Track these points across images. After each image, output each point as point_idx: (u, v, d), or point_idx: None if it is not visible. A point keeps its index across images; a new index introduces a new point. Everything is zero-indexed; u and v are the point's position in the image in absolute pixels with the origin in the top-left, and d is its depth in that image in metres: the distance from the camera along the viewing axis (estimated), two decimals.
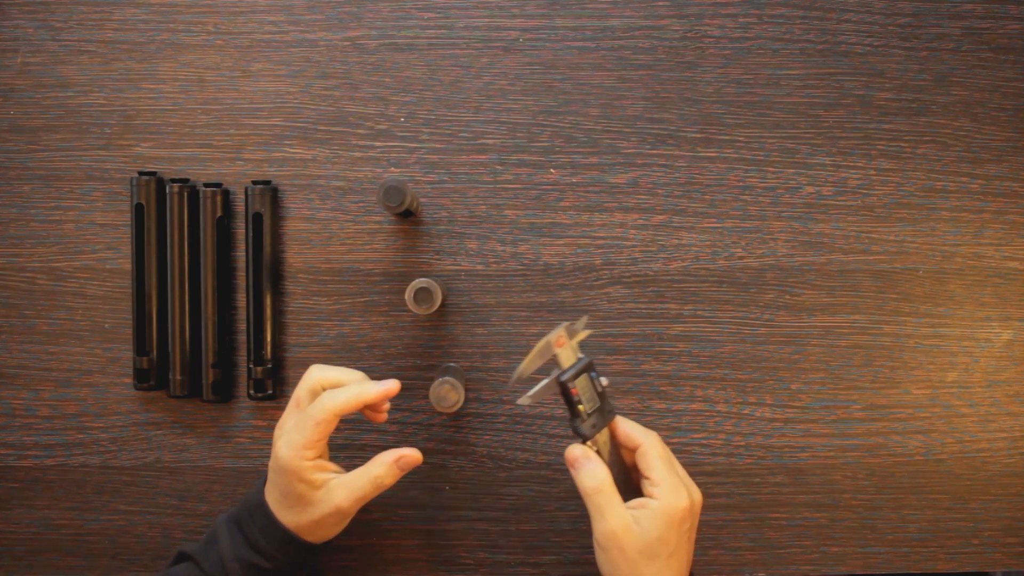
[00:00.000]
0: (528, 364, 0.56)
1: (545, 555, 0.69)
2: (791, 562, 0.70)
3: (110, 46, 0.68)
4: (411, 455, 0.59)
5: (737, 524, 0.69)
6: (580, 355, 0.58)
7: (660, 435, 0.59)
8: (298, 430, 0.57)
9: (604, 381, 0.58)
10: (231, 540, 0.58)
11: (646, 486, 0.56)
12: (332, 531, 0.60)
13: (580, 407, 0.56)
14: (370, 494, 0.58)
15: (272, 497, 0.58)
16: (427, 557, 0.69)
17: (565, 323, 0.57)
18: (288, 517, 0.58)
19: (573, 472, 0.56)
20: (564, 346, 0.57)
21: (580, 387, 0.57)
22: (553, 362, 0.57)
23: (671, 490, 0.55)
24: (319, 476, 0.57)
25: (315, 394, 0.58)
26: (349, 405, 0.57)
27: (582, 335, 0.58)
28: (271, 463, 0.58)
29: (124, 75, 0.68)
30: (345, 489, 0.58)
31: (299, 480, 0.57)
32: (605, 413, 0.58)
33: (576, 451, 0.56)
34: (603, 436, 0.58)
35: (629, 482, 0.59)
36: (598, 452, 0.57)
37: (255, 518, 0.58)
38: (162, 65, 0.68)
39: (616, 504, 0.54)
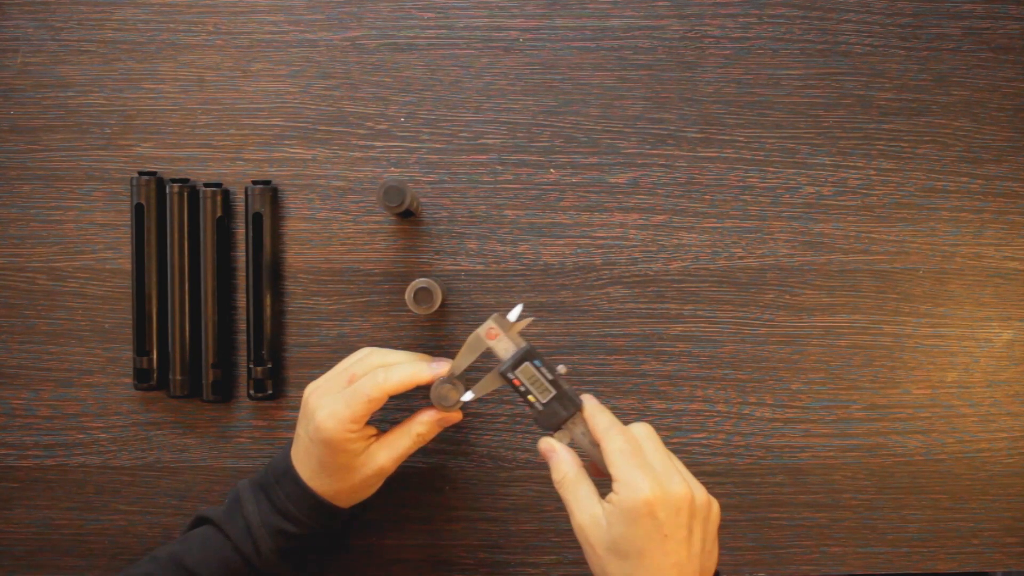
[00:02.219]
0: (459, 361, 0.56)
1: (545, 555, 0.69)
2: (791, 562, 0.70)
3: (110, 46, 0.68)
4: (454, 416, 0.60)
5: (737, 524, 0.69)
6: (521, 343, 0.56)
7: (653, 425, 0.56)
8: (347, 405, 0.56)
9: (562, 368, 0.57)
10: (257, 506, 0.58)
11: (613, 483, 0.53)
12: (368, 492, 0.61)
13: (530, 398, 0.55)
14: (411, 451, 0.60)
15: (305, 465, 0.58)
16: (427, 557, 0.69)
17: (495, 314, 0.56)
18: (323, 484, 0.58)
19: (548, 463, 0.56)
20: (498, 338, 0.56)
21: (524, 377, 0.55)
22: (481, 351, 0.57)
23: (629, 487, 0.51)
24: (361, 444, 0.58)
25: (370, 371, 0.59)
26: (403, 385, 0.57)
27: (520, 325, 0.57)
28: (310, 434, 0.57)
29: (124, 75, 0.68)
30: (388, 449, 0.59)
31: (343, 451, 0.57)
32: (566, 402, 0.56)
33: (543, 444, 0.56)
34: (579, 425, 0.57)
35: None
36: (572, 442, 0.56)
37: (282, 484, 0.58)
38: (162, 65, 0.68)
39: (582, 497, 0.53)
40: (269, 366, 0.67)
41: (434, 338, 0.69)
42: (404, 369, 0.57)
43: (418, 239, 0.69)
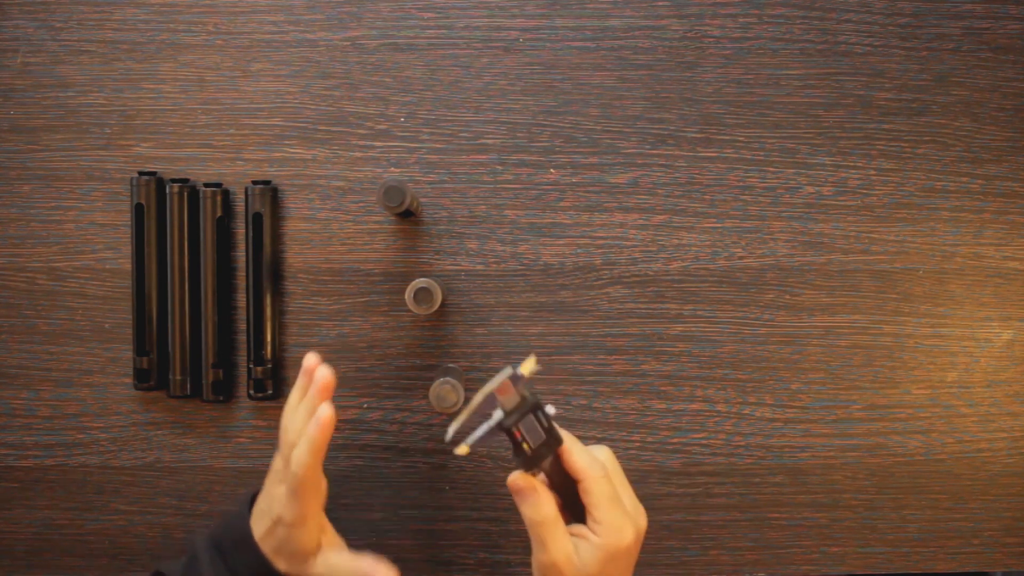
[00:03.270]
0: (468, 419, 0.53)
1: None
2: (791, 562, 0.70)
3: (110, 46, 0.68)
4: None
5: (737, 524, 0.69)
6: (526, 394, 0.53)
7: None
8: (289, 492, 0.56)
9: (551, 410, 0.55)
10: (213, 569, 0.57)
11: (589, 520, 0.54)
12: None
13: (524, 446, 0.54)
14: None
15: (270, 547, 0.57)
16: (427, 557, 0.69)
17: (509, 370, 0.52)
18: (281, 563, 0.57)
19: (517, 500, 0.54)
20: (509, 393, 0.53)
21: (525, 428, 0.53)
22: (493, 405, 0.53)
23: (613, 529, 0.53)
24: (315, 537, 0.57)
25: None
26: (311, 453, 0.55)
27: (529, 377, 0.53)
28: (273, 518, 0.57)
29: (124, 75, 0.68)
30: (342, 557, 0.58)
31: (303, 541, 0.56)
32: (551, 442, 0.54)
33: (520, 481, 0.54)
34: (550, 460, 0.55)
35: (576, 502, 0.56)
36: (545, 474, 0.55)
37: (240, 551, 0.57)
38: (162, 65, 0.68)
39: (559, 536, 0.53)
40: (269, 366, 0.67)
41: (434, 338, 0.69)
42: (302, 445, 0.55)
43: (418, 239, 0.69)
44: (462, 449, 0.53)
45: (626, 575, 0.55)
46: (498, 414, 0.53)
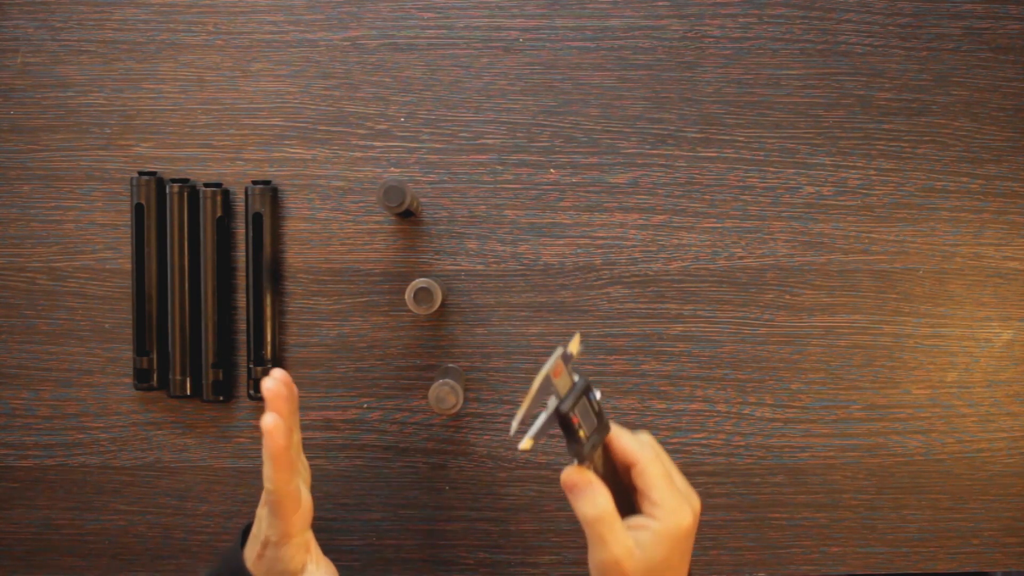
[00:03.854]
0: (529, 407, 0.49)
1: (545, 555, 0.69)
2: (791, 562, 0.70)
3: (110, 46, 0.68)
4: None
5: (737, 524, 0.69)
6: (575, 378, 0.51)
7: (657, 437, 0.55)
8: (270, 511, 0.55)
9: (598, 395, 0.53)
10: None
11: (645, 505, 0.52)
12: None
13: (580, 433, 0.51)
14: None
15: (260, 570, 0.56)
16: (427, 557, 0.69)
17: (559, 349, 0.50)
18: None
19: (571, 497, 0.52)
20: (561, 375, 0.50)
21: (580, 413, 0.51)
22: (548, 391, 0.50)
23: (673, 511, 0.51)
24: (301, 556, 0.56)
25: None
26: (277, 468, 0.52)
27: (577, 356, 0.52)
28: (263, 536, 0.56)
29: (124, 75, 0.68)
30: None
31: (286, 560, 0.55)
32: (601, 429, 0.53)
33: (574, 476, 0.51)
34: (598, 451, 0.53)
35: (622, 493, 0.55)
36: (594, 468, 0.53)
37: None
38: (162, 65, 0.68)
39: (618, 530, 0.51)
40: (269, 366, 0.67)
41: (434, 338, 0.69)
42: (265, 462, 0.53)
43: (418, 239, 0.69)
44: (526, 443, 0.49)
45: (686, 561, 0.53)
46: (552, 400, 0.50)
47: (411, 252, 0.69)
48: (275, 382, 0.53)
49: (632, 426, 0.69)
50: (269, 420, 0.52)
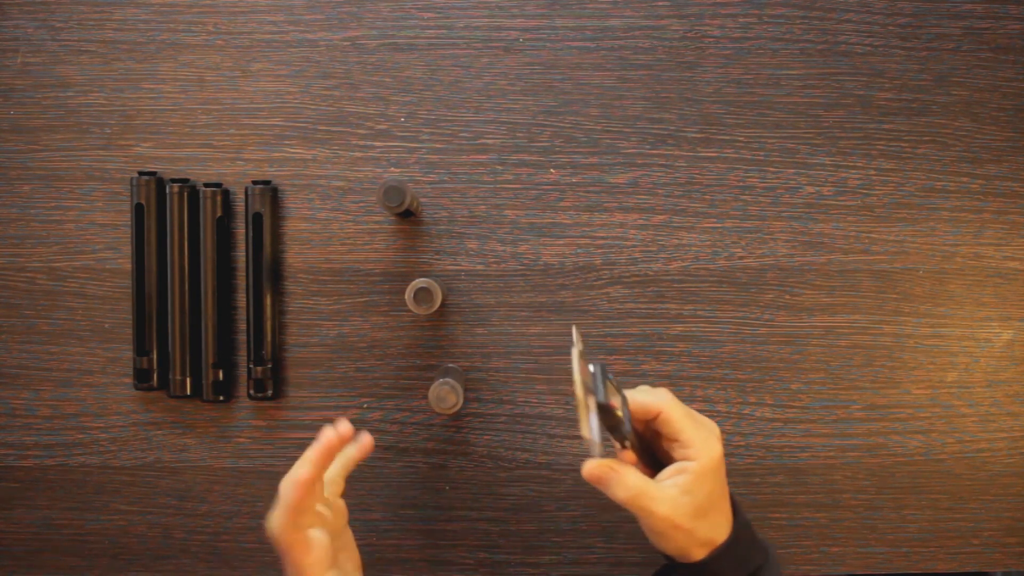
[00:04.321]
0: (587, 418, 0.50)
1: (545, 555, 0.69)
2: (791, 562, 0.70)
3: (110, 46, 0.68)
4: None
5: None
6: (591, 368, 0.52)
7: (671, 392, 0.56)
8: (286, 562, 0.55)
9: (610, 374, 0.54)
10: None
11: (676, 449, 0.54)
12: None
13: (619, 414, 0.52)
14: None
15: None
16: (427, 557, 0.69)
17: (575, 350, 0.51)
18: None
19: (602, 488, 0.53)
20: (586, 372, 0.51)
21: (612, 399, 0.51)
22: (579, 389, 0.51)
23: (705, 446, 0.54)
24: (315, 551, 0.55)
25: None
26: (284, 517, 0.53)
27: (583, 347, 0.52)
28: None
29: (124, 75, 0.68)
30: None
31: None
32: (624, 401, 0.54)
33: (596, 471, 0.53)
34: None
35: (648, 450, 0.56)
36: (630, 442, 0.53)
37: None
38: (162, 65, 0.68)
39: (657, 493, 0.53)
40: (269, 366, 0.67)
41: (434, 338, 0.69)
42: (278, 507, 0.54)
43: (418, 239, 0.69)
44: (597, 450, 0.51)
45: (726, 484, 0.56)
46: (590, 398, 0.51)
47: (411, 252, 0.69)
48: (337, 438, 0.54)
49: None
50: (302, 471, 0.53)
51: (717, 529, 0.55)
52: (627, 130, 0.69)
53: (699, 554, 0.54)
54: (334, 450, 0.55)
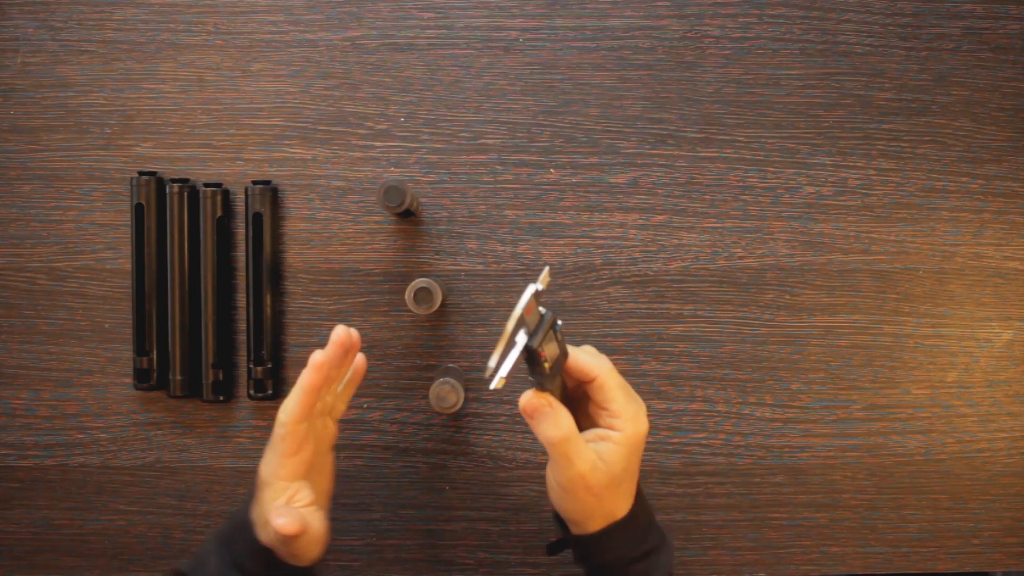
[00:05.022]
0: (505, 347, 0.49)
1: (545, 555, 0.69)
2: (791, 562, 0.70)
3: (110, 46, 0.68)
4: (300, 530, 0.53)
5: (737, 524, 0.69)
6: (542, 311, 0.51)
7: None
8: (271, 447, 0.55)
9: (559, 323, 0.52)
10: (219, 560, 0.55)
11: (603, 416, 0.54)
12: (309, 553, 0.56)
13: (545, 365, 0.51)
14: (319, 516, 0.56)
15: (255, 515, 0.56)
16: (427, 557, 0.69)
17: (532, 287, 0.49)
18: (267, 537, 0.54)
19: (533, 422, 0.52)
20: (532, 311, 0.50)
21: (546, 348, 0.51)
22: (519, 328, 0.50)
23: (633, 419, 0.53)
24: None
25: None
26: (297, 402, 0.54)
27: (545, 288, 0.51)
28: (257, 488, 0.56)
29: (124, 75, 0.68)
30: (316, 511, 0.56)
31: (266, 503, 0.54)
32: (562, 357, 0.53)
33: (535, 401, 0.52)
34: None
35: (572, 407, 0.55)
36: (552, 391, 0.53)
37: (241, 538, 0.56)
38: (162, 65, 0.68)
39: (582, 447, 0.52)
40: (269, 366, 0.67)
41: (434, 338, 0.69)
42: (292, 393, 0.54)
43: (418, 239, 0.69)
44: (498, 383, 0.49)
45: (639, 466, 0.55)
46: (521, 336, 0.50)
47: (411, 252, 0.69)
48: (346, 333, 0.56)
49: None
50: (318, 356, 0.54)
51: (620, 502, 0.54)
52: (627, 130, 0.69)
53: (596, 526, 0.54)
54: (344, 345, 0.56)
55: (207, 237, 0.67)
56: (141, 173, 0.67)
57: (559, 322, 0.52)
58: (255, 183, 0.67)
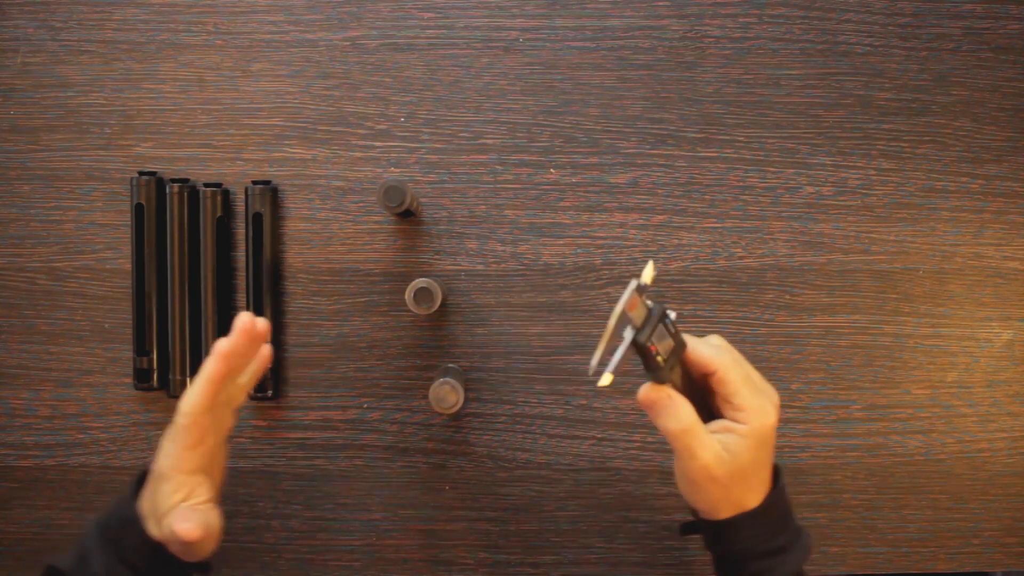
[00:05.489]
0: (608, 343, 0.49)
1: (545, 555, 0.69)
2: None
3: (110, 46, 0.68)
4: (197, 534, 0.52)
5: None
6: (650, 304, 0.50)
7: (730, 343, 0.55)
8: (170, 439, 0.54)
9: (673, 315, 0.52)
10: (105, 557, 0.53)
11: (727, 410, 0.53)
12: (204, 549, 0.54)
13: (659, 359, 0.50)
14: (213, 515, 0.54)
15: (146, 508, 0.54)
16: (427, 557, 0.69)
17: (634, 283, 0.49)
18: (159, 532, 0.53)
19: (652, 414, 0.52)
20: (637, 306, 0.49)
21: (657, 340, 0.50)
22: (624, 324, 0.49)
23: (758, 412, 0.52)
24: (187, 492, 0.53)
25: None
26: (202, 392, 0.52)
27: (651, 283, 0.51)
28: (152, 479, 0.54)
29: (124, 75, 0.68)
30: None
31: (162, 498, 0.53)
32: (678, 348, 0.52)
33: (652, 394, 0.51)
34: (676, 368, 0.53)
35: (699, 398, 0.54)
36: (672, 384, 0.52)
37: (127, 533, 0.53)
38: (162, 65, 0.68)
39: (705, 438, 0.52)
40: (269, 366, 0.67)
41: (434, 338, 0.69)
42: (195, 382, 0.53)
43: (418, 239, 0.69)
44: (606, 379, 0.49)
45: (772, 456, 0.54)
46: (629, 332, 0.49)
47: (411, 252, 0.69)
48: (251, 320, 0.53)
49: (632, 426, 0.69)
50: (223, 344, 0.52)
51: (751, 494, 0.53)
52: (627, 130, 0.69)
53: (725, 514, 0.53)
54: (250, 333, 0.53)
55: (207, 237, 0.67)
56: (141, 173, 0.67)
57: (672, 314, 0.52)
58: (255, 183, 0.67)
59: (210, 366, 0.53)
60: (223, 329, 0.67)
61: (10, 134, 0.68)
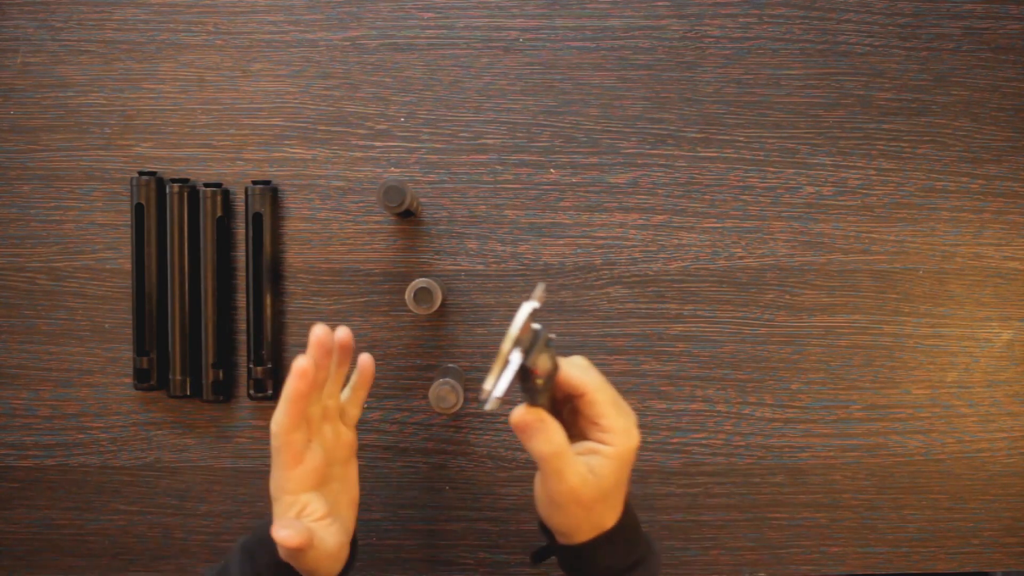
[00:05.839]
0: (497, 373, 0.48)
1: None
2: (791, 562, 0.70)
3: (110, 46, 0.68)
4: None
5: (737, 524, 0.69)
6: (535, 327, 0.50)
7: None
8: (272, 461, 0.55)
9: (553, 336, 0.52)
10: (241, 571, 0.55)
11: (594, 431, 0.53)
12: (324, 568, 0.55)
13: (538, 381, 0.50)
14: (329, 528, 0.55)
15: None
16: (427, 557, 0.69)
17: (528, 307, 0.49)
18: (283, 552, 0.54)
19: (524, 436, 0.51)
20: (527, 331, 0.49)
21: (540, 364, 0.50)
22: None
23: (624, 434, 0.53)
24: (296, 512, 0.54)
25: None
26: (285, 412, 0.53)
27: (542, 303, 0.50)
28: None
29: (124, 75, 0.68)
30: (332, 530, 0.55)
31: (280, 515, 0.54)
32: (553, 371, 0.52)
33: (526, 416, 0.51)
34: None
35: (566, 420, 0.54)
36: (543, 405, 0.52)
37: (263, 550, 0.55)
38: (162, 65, 0.68)
39: (573, 461, 0.52)
40: (269, 366, 0.67)
41: (434, 338, 0.69)
42: (279, 403, 0.54)
43: (418, 239, 0.69)
44: (493, 404, 0.48)
45: (628, 478, 0.55)
46: (516, 356, 0.49)
47: (411, 252, 0.69)
48: (325, 332, 0.54)
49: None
50: (300, 361, 0.53)
51: (609, 514, 0.54)
52: (627, 130, 0.69)
53: (584, 537, 0.54)
54: (326, 346, 0.54)
55: (207, 237, 0.67)
56: (141, 173, 0.67)
57: (552, 336, 0.52)
58: (255, 183, 0.67)
59: (290, 385, 0.53)
60: (223, 329, 0.67)
61: (10, 134, 0.68)
